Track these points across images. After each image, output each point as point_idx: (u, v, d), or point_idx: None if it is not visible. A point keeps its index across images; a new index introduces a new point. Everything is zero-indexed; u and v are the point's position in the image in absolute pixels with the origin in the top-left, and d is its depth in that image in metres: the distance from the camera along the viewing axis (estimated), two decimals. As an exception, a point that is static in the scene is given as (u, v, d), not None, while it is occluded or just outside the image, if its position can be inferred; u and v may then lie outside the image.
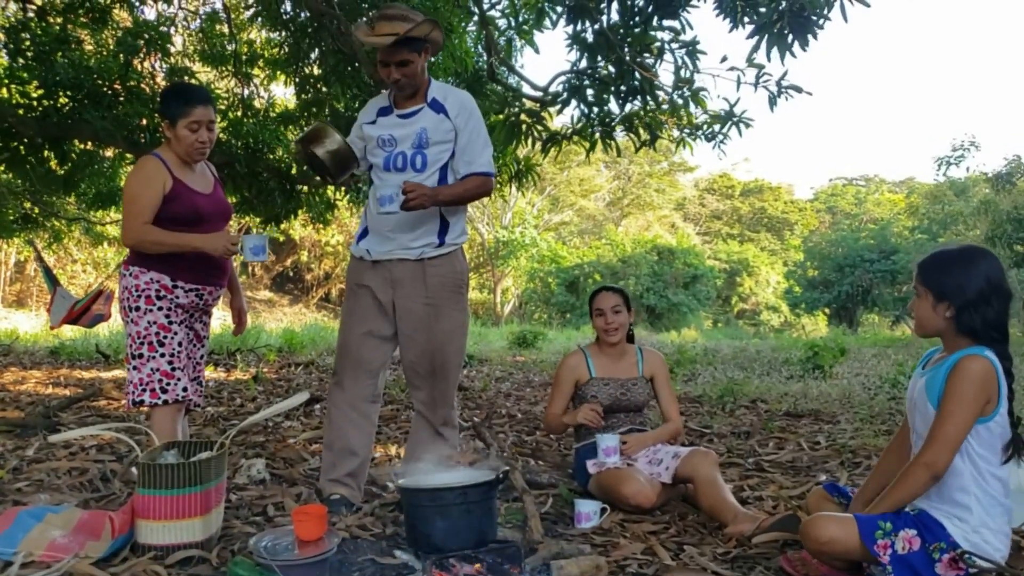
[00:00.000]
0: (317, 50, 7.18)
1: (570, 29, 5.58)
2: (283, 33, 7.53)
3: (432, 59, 3.86)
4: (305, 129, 3.65)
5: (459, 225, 3.55)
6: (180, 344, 3.39)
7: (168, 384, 3.34)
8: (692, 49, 5.44)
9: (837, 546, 2.51)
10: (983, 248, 2.65)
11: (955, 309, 2.51)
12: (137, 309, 3.35)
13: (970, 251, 2.59)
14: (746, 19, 4.79)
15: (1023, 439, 2.54)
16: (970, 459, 2.48)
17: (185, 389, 3.39)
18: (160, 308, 3.35)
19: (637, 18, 5.32)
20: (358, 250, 3.55)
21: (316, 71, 7.58)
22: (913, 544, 2.46)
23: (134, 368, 3.36)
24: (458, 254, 3.57)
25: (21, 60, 7.01)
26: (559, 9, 5.61)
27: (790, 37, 4.61)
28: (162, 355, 3.34)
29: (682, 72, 5.58)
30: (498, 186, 8.10)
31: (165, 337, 3.35)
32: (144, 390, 3.33)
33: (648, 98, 5.75)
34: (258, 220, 8.60)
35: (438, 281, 3.46)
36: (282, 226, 9.96)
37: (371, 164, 3.54)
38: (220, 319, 18.02)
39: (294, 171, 8.24)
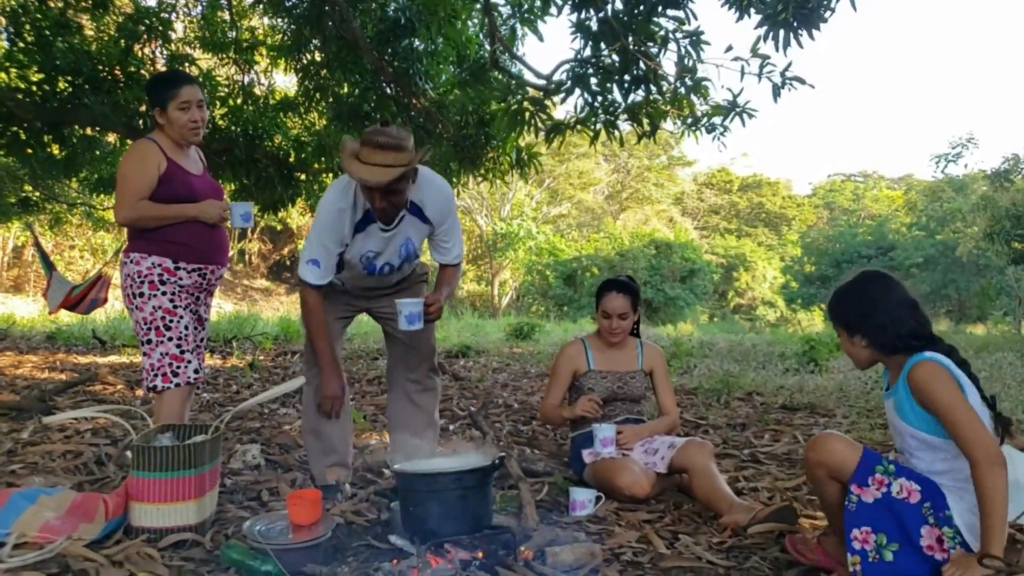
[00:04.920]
0: (319, 37, 7.16)
1: (574, 17, 5.55)
2: (285, 20, 7.51)
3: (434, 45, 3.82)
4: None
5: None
6: (187, 327, 3.40)
7: (179, 367, 3.36)
8: (696, 39, 5.42)
9: (836, 456, 2.56)
10: (872, 272, 2.72)
11: (867, 338, 2.61)
12: (141, 295, 3.35)
13: (859, 279, 2.69)
14: (752, 9, 4.77)
15: (1005, 416, 2.55)
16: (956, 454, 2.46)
17: (196, 371, 3.42)
18: (164, 293, 3.35)
19: (641, 7, 5.29)
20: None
21: (318, 58, 7.56)
22: (912, 496, 2.47)
23: (145, 355, 3.38)
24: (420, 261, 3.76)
25: (21, 44, 6.98)
26: (564, -4, 5.59)
27: (796, 26, 4.60)
28: (170, 339, 3.35)
29: (686, 62, 5.55)
30: (499, 175, 8.09)
31: (171, 321, 3.35)
32: (156, 375, 3.34)
33: (652, 87, 5.72)
34: (256, 208, 8.58)
35: (410, 283, 3.68)
36: (280, 214, 9.94)
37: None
38: (216, 307, 17.98)
39: (292, 159, 8.23)
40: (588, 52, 5.65)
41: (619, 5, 5.43)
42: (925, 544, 2.44)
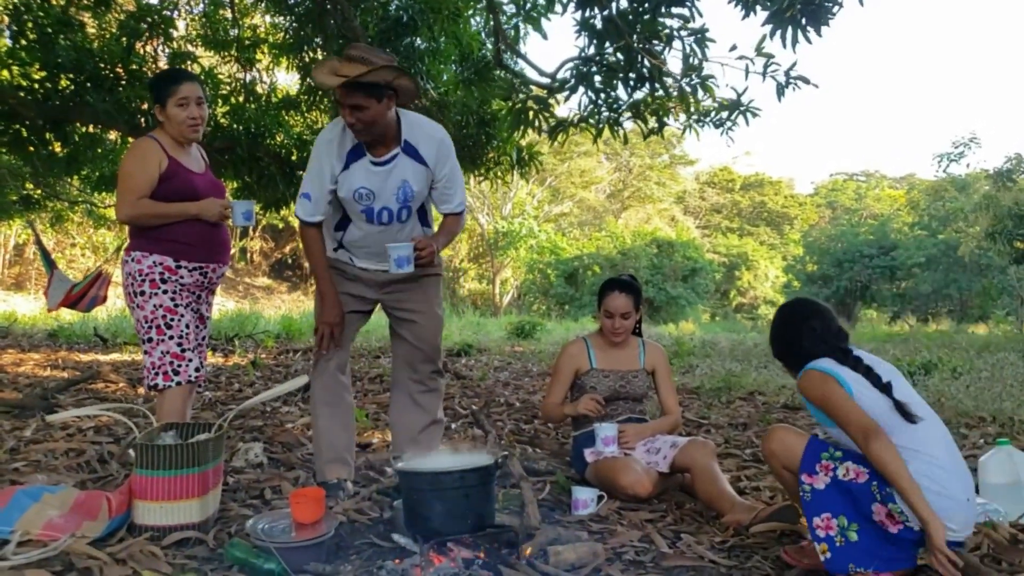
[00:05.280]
0: (320, 35, 7.15)
1: (579, 15, 5.55)
2: (287, 18, 7.50)
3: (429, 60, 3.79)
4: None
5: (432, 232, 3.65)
6: (188, 325, 3.40)
7: (179, 365, 3.36)
8: (701, 37, 5.41)
9: (785, 446, 2.75)
10: (786, 303, 3.03)
11: (781, 360, 2.95)
12: (142, 294, 3.35)
13: (776, 315, 3.00)
14: (758, 6, 4.77)
15: (900, 401, 2.61)
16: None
17: (197, 369, 3.43)
18: (165, 291, 3.35)
19: (646, 5, 5.29)
20: (337, 256, 3.58)
21: (320, 56, 7.55)
22: (859, 477, 2.57)
23: (146, 353, 3.38)
24: None
25: (23, 41, 6.98)
26: (569, -6, 5.58)
27: (804, 23, 4.61)
28: (171, 337, 3.35)
29: (691, 60, 5.55)
30: (499, 174, 8.07)
31: (172, 319, 3.35)
32: (157, 373, 3.35)
33: (656, 85, 5.72)
34: (259, 206, 8.57)
35: (422, 274, 3.58)
36: (282, 212, 9.93)
37: (343, 205, 3.43)
38: (218, 305, 17.99)
39: (295, 157, 8.22)
40: (592, 50, 5.65)
41: (624, 3, 5.44)
42: (877, 519, 2.53)
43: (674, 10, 5.30)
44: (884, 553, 2.53)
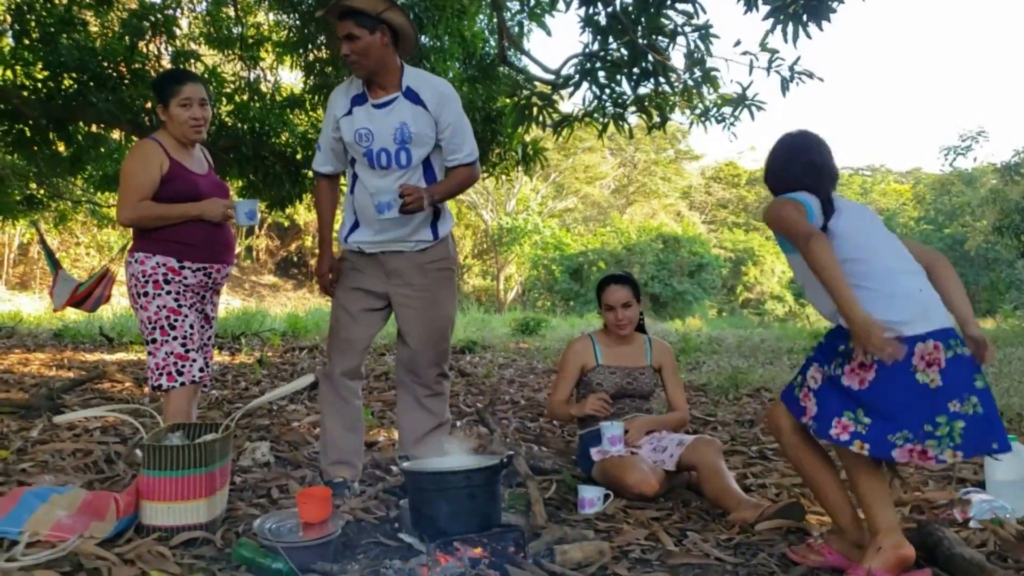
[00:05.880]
0: (324, 33, 7.15)
1: (583, 12, 5.54)
2: (291, 16, 7.50)
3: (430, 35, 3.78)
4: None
5: (448, 214, 3.61)
6: (192, 326, 3.39)
7: (183, 366, 3.36)
8: (705, 32, 5.41)
9: (779, 417, 2.79)
10: (788, 134, 2.95)
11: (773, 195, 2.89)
12: (146, 295, 3.35)
13: (777, 143, 2.95)
14: (760, 1, 4.77)
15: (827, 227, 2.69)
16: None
17: (201, 369, 3.42)
18: (169, 292, 3.35)
19: (650, 0, 5.28)
20: (349, 245, 3.56)
21: (323, 54, 7.56)
22: (818, 376, 2.65)
23: (150, 354, 3.38)
24: (449, 240, 3.63)
25: (26, 41, 6.98)
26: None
27: (805, 19, 4.60)
28: (174, 338, 3.35)
29: (695, 55, 5.55)
30: (505, 171, 8.06)
31: (176, 320, 3.35)
32: (161, 374, 3.35)
33: (661, 80, 5.72)
34: (264, 205, 8.58)
35: (434, 268, 3.54)
36: (287, 211, 9.93)
37: (352, 159, 3.48)
38: (224, 303, 18.02)
39: (299, 155, 8.23)
40: (596, 46, 5.65)
41: (628, -1, 5.43)
42: (857, 383, 2.53)
43: (678, 6, 5.29)
44: (904, 411, 2.49)
